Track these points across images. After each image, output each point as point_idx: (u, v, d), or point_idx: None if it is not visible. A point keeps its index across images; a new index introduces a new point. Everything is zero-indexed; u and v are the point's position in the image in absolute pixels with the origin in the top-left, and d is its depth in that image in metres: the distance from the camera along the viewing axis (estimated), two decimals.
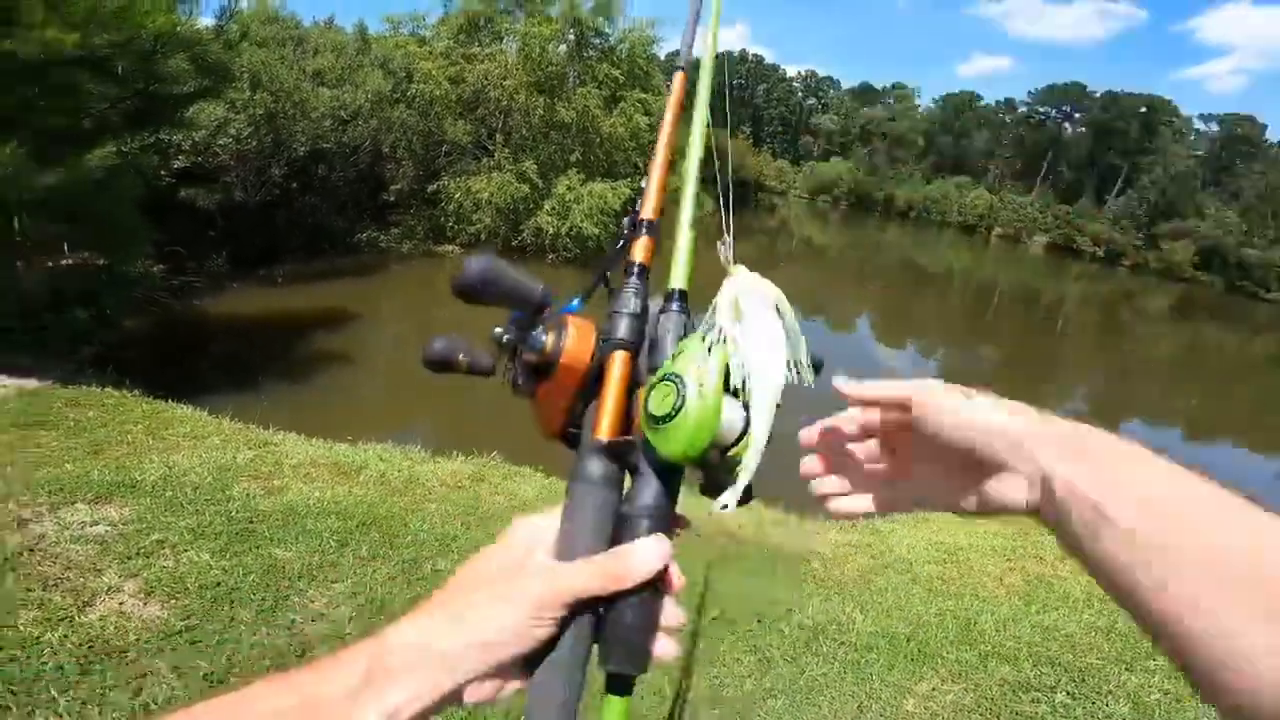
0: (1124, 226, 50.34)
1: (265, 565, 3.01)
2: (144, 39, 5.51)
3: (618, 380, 0.45)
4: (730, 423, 0.42)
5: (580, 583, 0.40)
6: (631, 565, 0.40)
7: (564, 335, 0.46)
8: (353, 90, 13.83)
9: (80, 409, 4.71)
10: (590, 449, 0.43)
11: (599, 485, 0.42)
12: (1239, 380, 21.05)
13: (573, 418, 0.46)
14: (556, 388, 0.45)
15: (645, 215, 0.53)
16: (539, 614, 0.39)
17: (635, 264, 0.51)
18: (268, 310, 10.29)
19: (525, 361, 0.44)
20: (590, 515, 0.42)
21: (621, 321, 0.48)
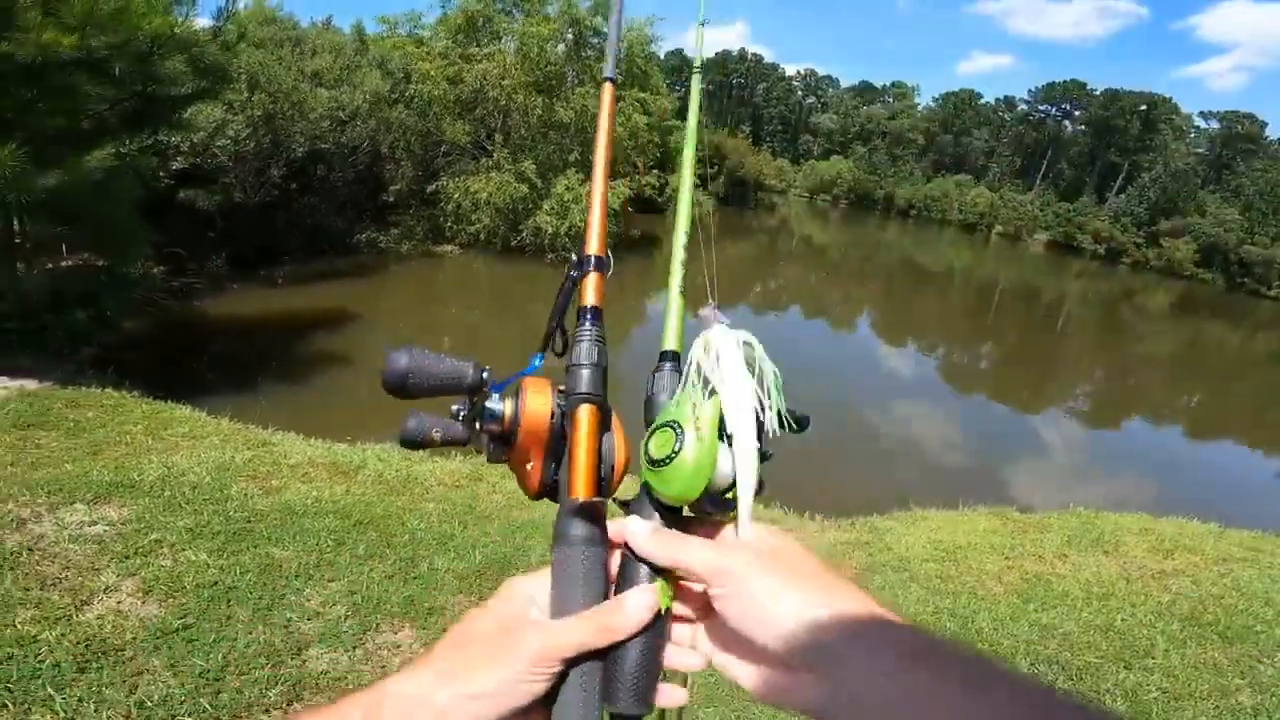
0: (1124, 224, 50.25)
1: (262, 564, 3.02)
2: (141, 40, 5.52)
3: (586, 436, 0.45)
4: (725, 468, 0.43)
5: (576, 638, 0.41)
6: (623, 618, 0.42)
7: (521, 400, 0.45)
8: (351, 91, 13.84)
9: (80, 410, 4.72)
10: (569, 510, 0.44)
11: (582, 545, 0.43)
12: (1240, 378, 21.03)
13: (548, 477, 0.46)
14: (523, 452, 0.45)
15: (591, 251, 0.52)
16: (534, 669, 0.40)
17: (588, 308, 0.50)
18: (267, 311, 10.30)
19: (489, 432, 0.44)
20: (580, 573, 0.43)
21: (582, 374, 0.47)
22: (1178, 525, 5.40)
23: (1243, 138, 57.87)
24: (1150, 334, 26.22)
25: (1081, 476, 9.82)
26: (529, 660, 0.40)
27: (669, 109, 27.18)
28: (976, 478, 8.35)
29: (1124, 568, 4.42)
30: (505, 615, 0.44)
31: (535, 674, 0.40)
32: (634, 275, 18.59)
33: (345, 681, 2.47)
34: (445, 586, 3.14)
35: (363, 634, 2.73)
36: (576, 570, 0.43)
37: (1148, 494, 8.93)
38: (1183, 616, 3.76)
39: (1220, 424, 14.68)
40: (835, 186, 61.85)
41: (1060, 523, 5.24)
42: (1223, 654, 3.41)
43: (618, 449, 0.48)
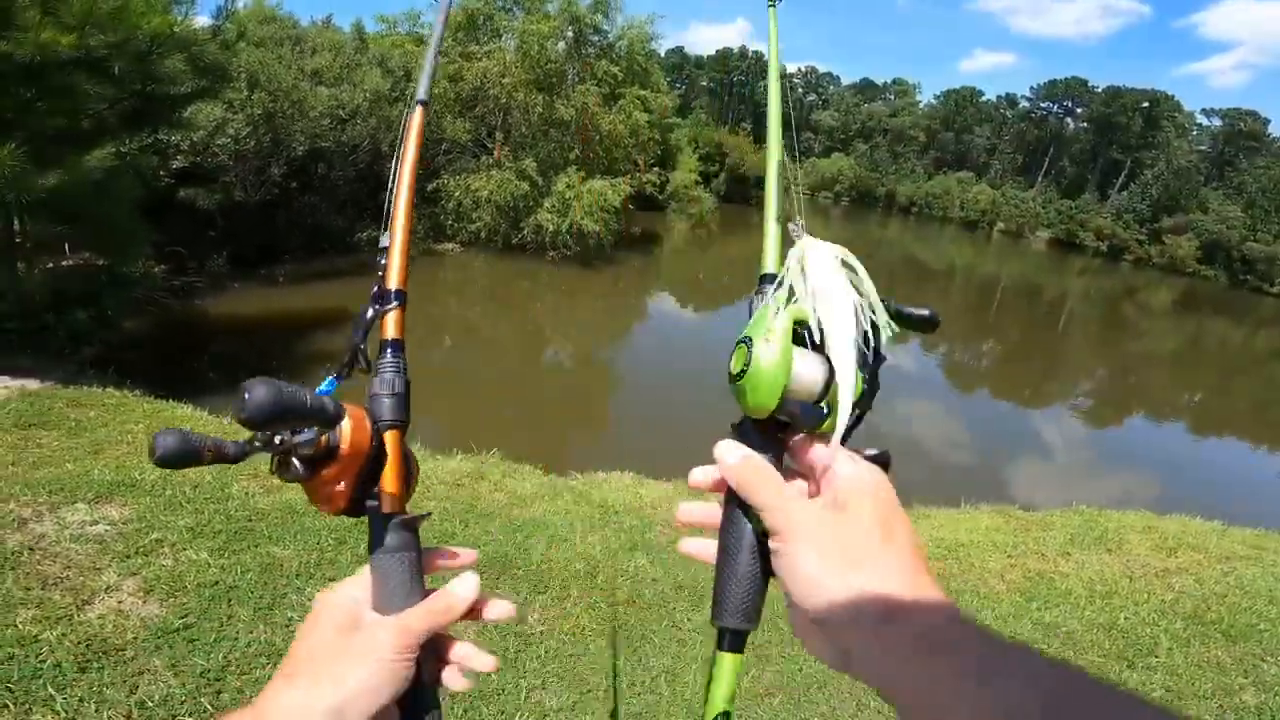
0: (1127, 221, 50.15)
1: (263, 564, 3.02)
2: (140, 40, 5.50)
3: (396, 456, 0.49)
4: (806, 373, 0.46)
5: (426, 623, 0.47)
6: (455, 601, 0.50)
7: (340, 430, 0.47)
8: (351, 89, 13.82)
9: (81, 409, 4.72)
10: (385, 522, 0.48)
11: (400, 550, 0.48)
12: (1243, 375, 20.99)
13: (358, 495, 0.48)
14: (338, 473, 0.47)
15: (391, 286, 0.54)
16: (401, 654, 0.45)
17: (390, 340, 0.53)
18: (268, 310, 10.30)
19: (302, 455, 0.45)
20: (405, 574, 0.48)
21: (386, 403, 0.51)
22: (1181, 523, 5.39)
23: (1245, 135, 57.73)
24: (1152, 331, 26.18)
25: (1084, 474, 9.81)
26: (394, 648, 0.45)
27: (670, 106, 27.18)
28: (979, 475, 8.34)
29: (1127, 566, 4.41)
30: (339, 622, 0.47)
31: (404, 658, 0.45)
32: (635, 273, 18.59)
33: None
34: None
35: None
36: (400, 573, 0.47)
37: (1150, 491, 8.91)
38: (1186, 615, 3.75)
39: (1223, 421, 14.65)
40: (836, 184, 61.77)
41: (1063, 521, 5.23)
42: (1226, 653, 3.40)
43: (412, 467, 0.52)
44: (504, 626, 2.94)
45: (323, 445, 0.45)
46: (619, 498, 4.59)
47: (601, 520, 4.15)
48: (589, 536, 3.87)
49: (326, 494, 0.47)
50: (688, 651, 2.97)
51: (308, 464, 0.45)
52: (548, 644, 2.89)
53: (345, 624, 0.47)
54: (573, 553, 3.66)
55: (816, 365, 0.46)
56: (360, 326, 0.53)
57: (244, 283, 11.17)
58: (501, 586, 3.22)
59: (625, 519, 4.23)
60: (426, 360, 10.73)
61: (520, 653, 2.81)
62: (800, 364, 0.46)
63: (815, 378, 0.46)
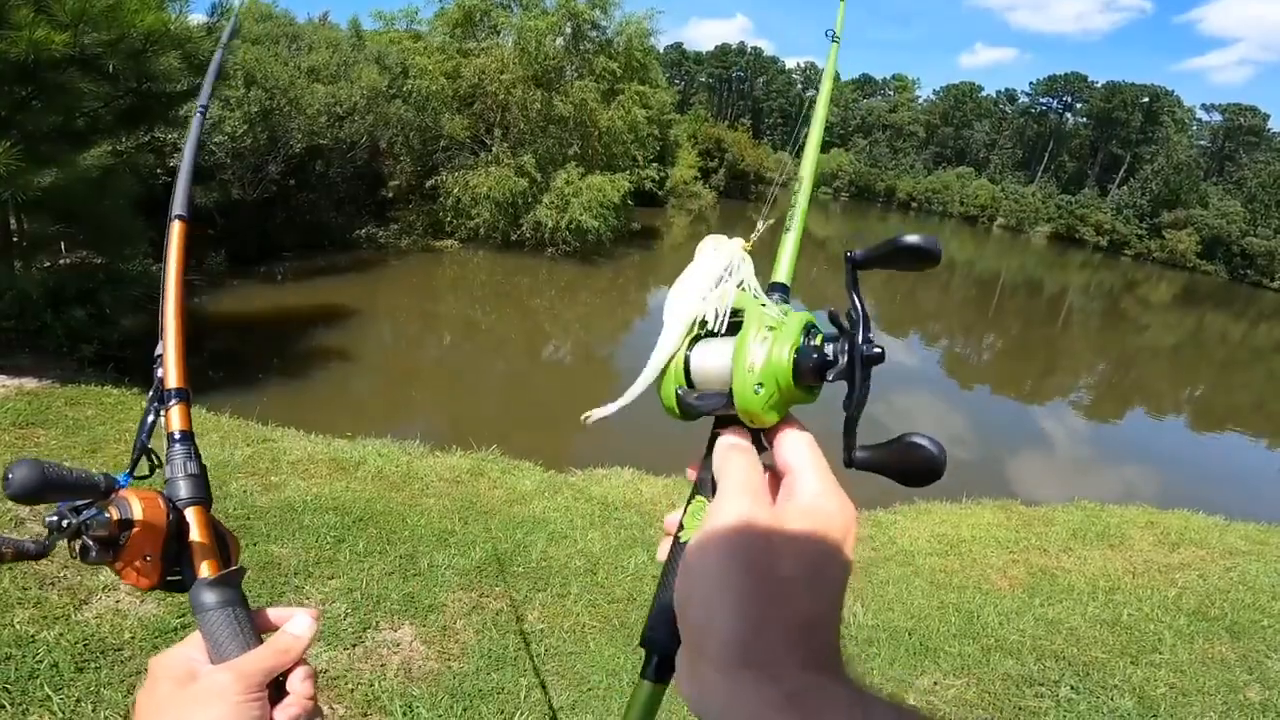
0: (1127, 216, 50.05)
1: (262, 562, 3.00)
2: (134, 38, 5.46)
3: (202, 529, 0.52)
4: (705, 363, 0.46)
5: (261, 664, 0.48)
6: (291, 640, 0.51)
7: (131, 506, 0.49)
8: (348, 86, 13.77)
9: (79, 407, 4.70)
10: (204, 585, 0.50)
11: (225, 606, 0.50)
12: (1244, 369, 20.97)
13: (168, 569, 0.51)
14: (140, 548, 0.49)
15: (170, 385, 0.57)
16: (247, 695, 0.46)
17: (177, 434, 0.56)
18: (266, 307, 10.28)
19: (96, 536, 0.47)
20: (232, 625, 0.49)
21: (182, 484, 0.54)
22: (1183, 518, 5.38)
23: (1245, 130, 57.67)
24: (1153, 326, 26.15)
25: (1085, 469, 9.79)
26: (236, 690, 0.46)
27: (669, 102, 27.11)
28: (980, 470, 8.32)
29: (1130, 561, 4.39)
30: (177, 676, 0.47)
31: (249, 698, 0.46)
32: (635, 268, 18.56)
33: (344, 680, 2.45)
34: (445, 583, 3.12)
35: (362, 631, 2.71)
36: (227, 625, 0.49)
37: (1152, 486, 8.89)
38: (1190, 611, 3.73)
39: (1223, 416, 14.63)
40: (836, 179, 61.71)
41: (1065, 516, 5.22)
42: (1230, 649, 3.38)
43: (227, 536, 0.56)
44: (504, 624, 2.93)
45: (115, 524, 0.47)
46: (619, 494, 4.57)
47: (601, 517, 4.14)
48: (589, 533, 3.86)
49: (136, 569, 0.49)
50: None
51: (102, 544, 0.47)
52: (547, 641, 2.87)
53: (183, 677, 0.47)
54: (572, 550, 3.65)
55: (706, 351, 0.46)
56: (143, 428, 0.56)
57: (243, 280, 11.14)
58: (501, 584, 3.21)
59: (625, 515, 4.22)
60: (425, 357, 10.72)
61: (521, 651, 2.79)
62: (696, 356, 0.46)
63: (704, 366, 0.46)
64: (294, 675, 0.51)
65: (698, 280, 0.48)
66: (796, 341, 0.42)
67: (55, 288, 6.66)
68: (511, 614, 3.02)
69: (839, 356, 0.41)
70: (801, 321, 0.43)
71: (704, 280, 0.47)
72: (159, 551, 0.50)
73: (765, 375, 0.41)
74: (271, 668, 0.49)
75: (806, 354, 0.41)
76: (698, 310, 0.46)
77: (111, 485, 0.49)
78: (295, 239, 12.98)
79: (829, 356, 0.41)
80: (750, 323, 0.43)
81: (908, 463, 0.40)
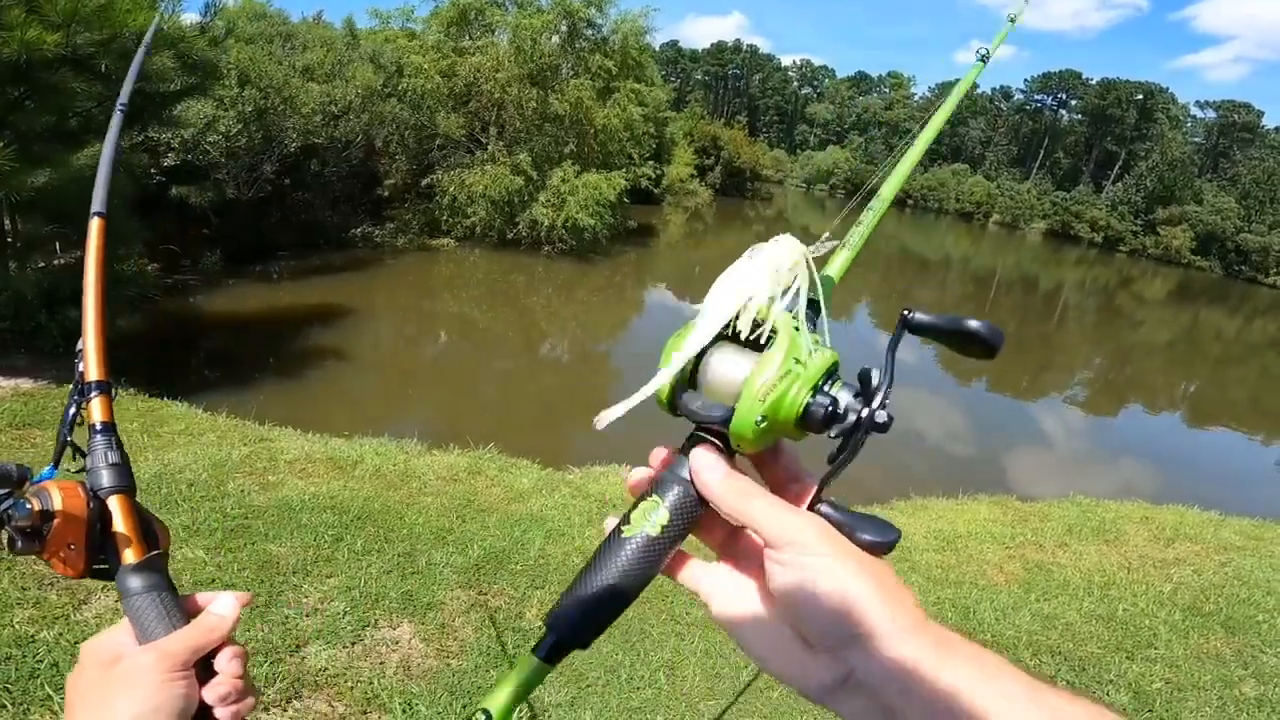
0: (1122, 213, 50.22)
1: (260, 561, 3.00)
2: (126, 37, 5.43)
3: (126, 517, 0.53)
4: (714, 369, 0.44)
5: (191, 643, 0.49)
6: (215, 620, 0.52)
7: (51, 497, 0.50)
8: (343, 85, 13.73)
9: None
10: (128, 570, 0.51)
11: (149, 590, 0.51)
12: (1238, 365, 21.06)
13: (92, 557, 0.51)
14: (63, 536, 0.50)
15: (91, 378, 0.58)
16: (168, 674, 0.47)
17: (98, 424, 0.56)
18: (262, 307, 10.26)
19: (19, 527, 0.48)
20: (158, 608, 0.50)
21: (103, 473, 0.54)
22: (1178, 513, 5.40)
23: (1239, 127, 57.88)
24: (1148, 321, 26.24)
25: (1080, 464, 9.83)
26: (159, 670, 0.47)
27: (665, 100, 27.09)
28: (976, 466, 8.35)
29: (1125, 557, 4.42)
30: (103, 660, 0.48)
31: (173, 678, 0.47)
32: (631, 266, 18.55)
33: (344, 678, 2.46)
34: (444, 581, 3.13)
35: (361, 630, 2.71)
36: (153, 608, 0.50)
37: (1146, 481, 8.93)
38: (1184, 606, 3.75)
39: (1218, 411, 14.70)
40: (832, 176, 61.82)
41: (1060, 511, 5.24)
42: (1225, 644, 3.41)
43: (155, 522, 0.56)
44: (503, 621, 2.94)
45: (38, 514, 0.49)
46: (616, 491, 4.58)
47: (599, 514, 4.14)
48: (586, 530, 3.87)
49: (62, 559, 0.50)
50: (686, 645, 2.96)
51: (26, 535, 0.48)
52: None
53: (109, 660, 0.48)
54: (570, 547, 3.65)
55: (725, 361, 0.43)
56: (64, 422, 0.57)
57: (238, 280, 11.10)
58: (499, 581, 3.21)
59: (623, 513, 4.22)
60: (422, 356, 10.71)
61: (519, 648, 2.80)
62: (715, 359, 0.43)
63: (717, 373, 0.43)
64: (222, 655, 0.52)
65: (749, 279, 0.44)
66: (816, 383, 0.41)
67: (50, 288, 6.63)
68: (510, 611, 3.02)
69: (848, 413, 0.40)
70: (826, 364, 0.42)
71: (755, 281, 0.44)
72: (83, 541, 0.50)
73: (771, 410, 0.40)
74: (196, 647, 0.49)
75: (820, 404, 0.40)
76: (738, 310, 0.43)
77: (24, 475, 0.50)
78: (291, 238, 12.93)
79: (839, 410, 0.40)
80: (779, 348, 0.41)
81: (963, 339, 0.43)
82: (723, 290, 0.44)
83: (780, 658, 0.41)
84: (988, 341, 0.41)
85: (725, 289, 0.44)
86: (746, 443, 0.42)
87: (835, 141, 67.92)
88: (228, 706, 0.50)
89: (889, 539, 0.39)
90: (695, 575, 0.47)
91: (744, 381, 0.41)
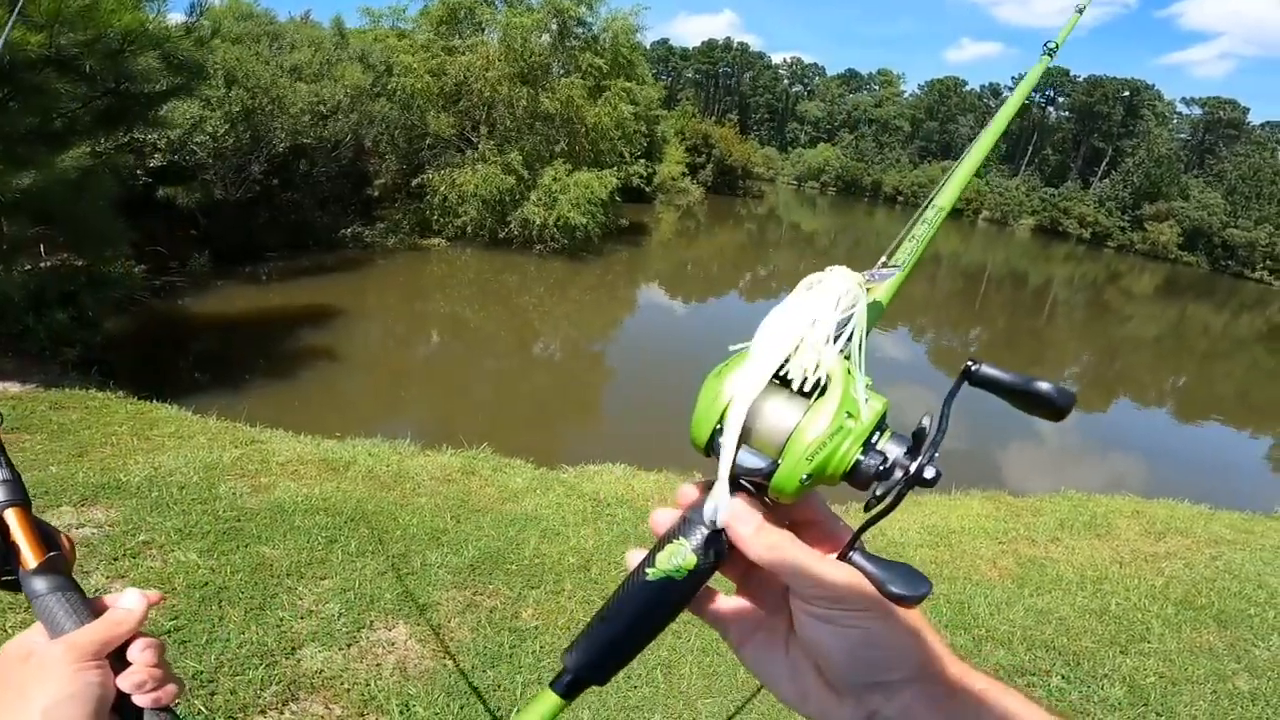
0: (1109, 208, 50.59)
1: (253, 564, 2.98)
2: (111, 38, 5.37)
3: (23, 529, 0.54)
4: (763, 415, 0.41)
5: (98, 635, 0.51)
6: (121, 613, 0.53)
7: None
8: (331, 85, 13.64)
9: (64, 411, 4.64)
10: (31, 575, 0.52)
11: (55, 590, 0.52)
12: (1226, 359, 21.24)
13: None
14: None
15: None
16: (78, 666, 0.48)
17: None
18: (252, 308, 10.19)
19: None
20: (64, 606, 0.52)
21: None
22: (1168, 507, 5.44)
23: (1225, 123, 58.40)
24: (1136, 317, 26.43)
25: (1071, 459, 9.90)
26: (68, 661, 0.48)
27: (656, 98, 27.06)
28: (968, 461, 8.38)
29: (1116, 551, 4.44)
30: (16, 655, 0.50)
31: (84, 668, 0.48)
32: (623, 264, 18.54)
33: (340, 680, 2.44)
34: (439, 582, 3.11)
35: (357, 631, 2.70)
36: (59, 606, 0.52)
37: (1137, 475, 9.01)
38: (1177, 600, 3.78)
39: (1206, 405, 14.82)
40: (823, 173, 61.98)
41: (1052, 506, 5.27)
42: (1218, 638, 3.43)
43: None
44: (499, 622, 2.93)
45: None
46: (611, 490, 4.57)
47: (594, 513, 4.14)
48: (581, 529, 3.86)
49: None
50: (683, 643, 2.96)
51: None
52: (543, 639, 2.87)
53: (23, 656, 0.50)
54: (565, 546, 3.65)
55: (773, 409, 0.41)
56: None
57: (227, 281, 11.03)
58: (494, 582, 3.20)
59: (617, 511, 4.22)
60: (414, 356, 10.67)
61: (515, 648, 2.79)
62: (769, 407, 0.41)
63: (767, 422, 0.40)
64: (134, 647, 0.53)
65: (803, 316, 0.42)
66: (868, 438, 0.39)
67: (36, 290, 6.58)
68: (505, 612, 3.01)
69: (894, 469, 0.38)
70: (877, 416, 0.40)
71: (810, 320, 0.42)
72: None
73: (819, 467, 0.39)
74: (103, 639, 0.51)
75: (870, 464, 0.39)
76: (789, 353, 0.41)
77: None
78: (280, 239, 12.84)
79: (886, 466, 0.39)
80: (831, 398, 0.40)
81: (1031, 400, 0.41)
82: (775, 328, 0.42)
83: (803, 698, 0.43)
84: (1056, 404, 0.40)
85: (778, 327, 0.42)
86: (786, 496, 0.40)
87: (826, 139, 68.05)
88: (146, 694, 0.51)
89: (919, 593, 0.38)
90: (717, 611, 0.47)
91: (791, 436, 0.39)
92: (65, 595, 0.53)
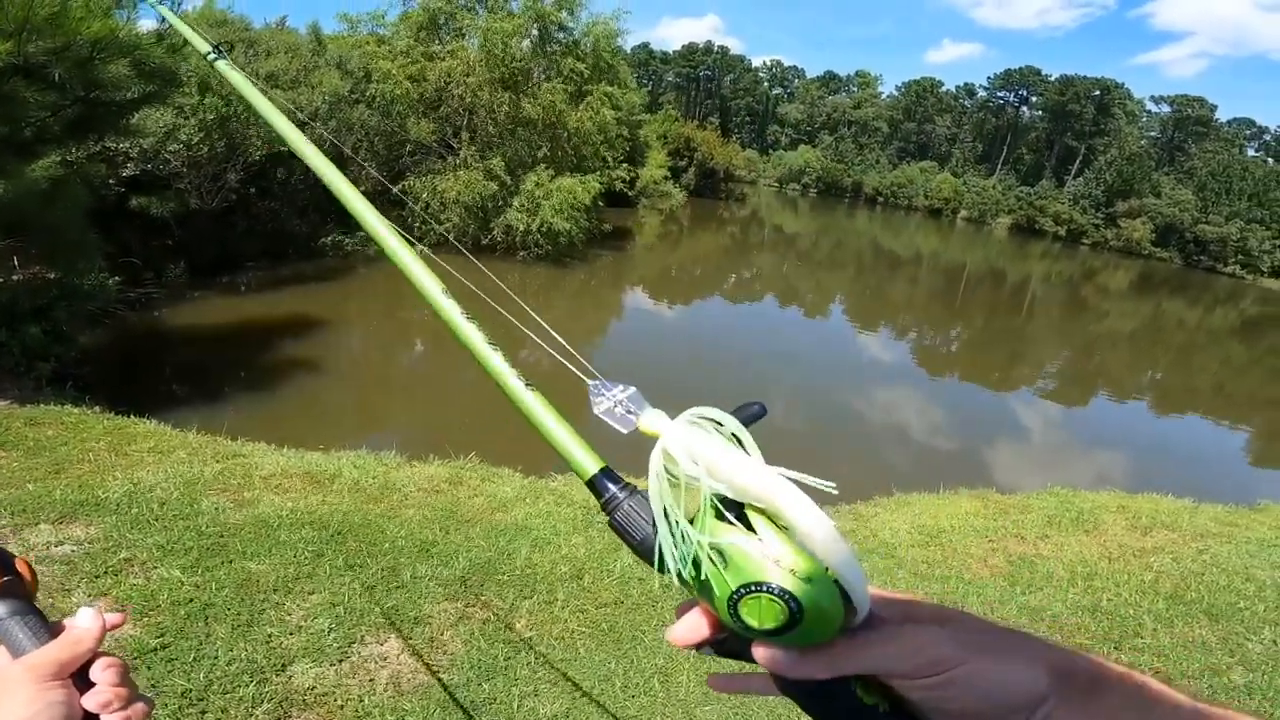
0: (1083, 206, 51.38)
1: (239, 579, 2.91)
2: (81, 45, 5.27)
3: None
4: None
5: (57, 655, 0.52)
6: (78, 632, 0.55)
7: None
8: (309, 91, 13.50)
9: (39, 428, 4.53)
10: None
11: (14, 615, 0.55)
12: (1201, 352, 21.60)
13: None
14: None
15: None
16: (39, 684, 0.50)
17: None
18: (230, 319, 10.03)
19: None
20: (24, 630, 0.54)
21: None
22: (1153, 501, 5.50)
23: (1193, 121, 59.57)
24: (1113, 313, 26.81)
25: (1056, 455, 10.00)
26: (29, 680, 0.50)
27: (638, 102, 27.09)
28: (955, 460, 8.43)
29: (1105, 547, 4.48)
30: None
31: (45, 687, 0.50)
32: (607, 269, 18.52)
33: (333, 697, 2.39)
34: (429, 594, 3.06)
35: (348, 646, 2.64)
36: (22, 630, 0.54)
37: (1121, 470, 9.12)
38: (1167, 595, 3.81)
39: (1185, 399, 15.05)
40: (804, 176, 62.37)
41: (1039, 503, 5.31)
42: (1210, 632, 3.46)
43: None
44: (493, 633, 2.88)
45: None
46: None
47: (584, 521, 4.10)
48: (573, 538, 3.82)
49: None
50: (680, 651, 2.93)
51: None
52: (537, 649, 2.83)
53: None
54: (557, 555, 3.60)
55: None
56: None
57: (204, 292, 10.85)
58: (486, 593, 3.16)
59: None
60: (398, 365, 10.56)
61: (510, 659, 2.74)
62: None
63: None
64: (95, 666, 0.55)
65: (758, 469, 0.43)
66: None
67: (8, 304, 6.43)
68: (499, 623, 2.97)
69: None
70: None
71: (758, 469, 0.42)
72: None
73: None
74: (62, 659, 0.52)
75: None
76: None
77: None
78: (258, 248, 12.67)
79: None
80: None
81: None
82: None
83: None
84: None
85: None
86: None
87: (806, 141, 68.53)
88: (112, 713, 0.53)
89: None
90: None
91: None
92: (25, 619, 0.55)
